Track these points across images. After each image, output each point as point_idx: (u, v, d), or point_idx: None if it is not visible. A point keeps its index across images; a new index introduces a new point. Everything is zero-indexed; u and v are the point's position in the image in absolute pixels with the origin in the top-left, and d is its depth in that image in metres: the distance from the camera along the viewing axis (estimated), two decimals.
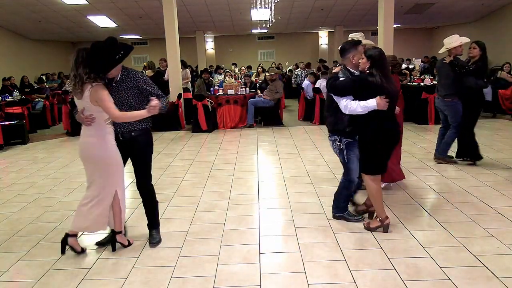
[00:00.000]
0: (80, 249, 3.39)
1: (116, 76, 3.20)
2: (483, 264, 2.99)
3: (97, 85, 3.05)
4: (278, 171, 5.72)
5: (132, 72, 3.26)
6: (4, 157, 7.41)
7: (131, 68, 3.33)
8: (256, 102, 9.47)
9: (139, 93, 3.24)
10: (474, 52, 5.41)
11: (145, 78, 3.28)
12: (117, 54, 3.05)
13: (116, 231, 3.41)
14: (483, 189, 4.61)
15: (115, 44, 3.11)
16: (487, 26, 15.81)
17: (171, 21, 9.77)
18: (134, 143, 3.30)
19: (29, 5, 12.35)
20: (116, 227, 3.41)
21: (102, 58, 3.03)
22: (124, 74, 3.23)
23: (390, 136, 3.48)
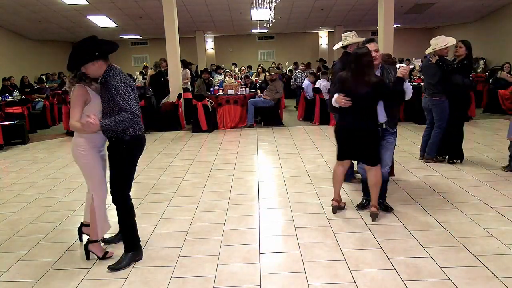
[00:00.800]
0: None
1: (99, 77, 3.05)
2: (483, 264, 2.99)
3: (77, 86, 3.07)
4: (278, 171, 5.72)
5: (111, 76, 2.96)
6: (4, 157, 7.41)
7: (117, 70, 3.03)
8: (256, 102, 9.47)
9: (114, 101, 2.93)
10: (460, 51, 5.55)
11: (119, 86, 2.91)
12: (94, 51, 2.96)
13: (90, 240, 3.30)
14: (483, 189, 4.61)
15: (92, 41, 3.02)
16: (487, 26, 15.81)
17: (171, 21, 9.77)
18: (110, 151, 3.15)
19: (29, 5, 12.35)
20: (90, 235, 3.32)
21: (75, 55, 3.00)
22: (105, 77, 2.98)
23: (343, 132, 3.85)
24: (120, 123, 2.88)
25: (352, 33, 4.92)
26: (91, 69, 2.98)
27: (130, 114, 2.90)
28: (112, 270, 3.10)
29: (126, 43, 19.83)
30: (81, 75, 3.05)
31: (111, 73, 2.97)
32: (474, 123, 8.80)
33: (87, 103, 3.08)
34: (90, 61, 2.94)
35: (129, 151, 3.09)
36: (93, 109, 3.08)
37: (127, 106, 2.90)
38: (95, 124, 2.81)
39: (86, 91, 3.06)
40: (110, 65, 3.03)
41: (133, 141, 3.08)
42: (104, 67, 2.99)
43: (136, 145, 3.13)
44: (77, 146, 3.15)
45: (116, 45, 3.13)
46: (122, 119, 2.88)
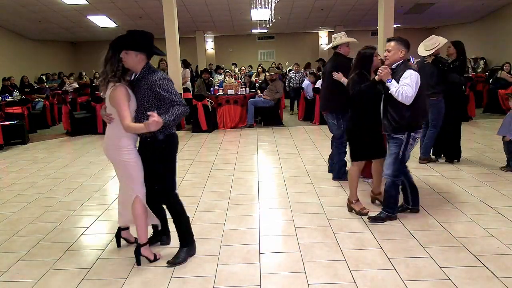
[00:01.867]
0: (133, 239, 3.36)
1: (136, 73, 3.00)
2: (483, 264, 2.99)
3: (118, 86, 2.91)
4: (278, 171, 5.72)
5: (152, 72, 2.94)
6: (4, 157, 7.41)
7: (154, 69, 3.01)
8: (256, 102, 9.47)
9: (154, 96, 2.91)
10: (449, 51, 5.70)
11: (163, 82, 2.89)
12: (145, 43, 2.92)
13: (141, 244, 3.16)
14: (483, 189, 4.61)
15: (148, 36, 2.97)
16: (487, 26, 15.80)
17: (171, 21, 9.77)
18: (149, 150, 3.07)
19: (29, 5, 12.35)
20: (140, 239, 3.17)
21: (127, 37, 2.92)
22: (143, 73, 2.96)
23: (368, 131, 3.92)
24: (177, 116, 2.88)
25: (341, 33, 4.99)
26: (131, 58, 2.90)
27: (183, 106, 2.90)
28: (171, 265, 3.11)
29: None
30: (120, 74, 2.92)
31: (149, 70, 2.95)
32: (474, 123, 8.80)
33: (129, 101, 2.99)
34: (137, 49, 2.89)
35: (168, 149, 3.06)
36: (132, 108, 2.98)
37: (177, 99, 2.90)
38: (160, 122, 2.77)
39: (127, 90, 2.96)
40: (148, 63, 3.00)
41: (169, 139, 3.04)
42: (143, 64, 2.96)
43: (173, 142, 3.10)
44: (122, 147, 3.00)
45: (163, 53, 3.17)
46: (179, 112, 2.88)
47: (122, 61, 2.91)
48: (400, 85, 3.48)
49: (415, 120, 3.62)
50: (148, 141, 3.01)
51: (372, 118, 3.85)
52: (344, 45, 4.93)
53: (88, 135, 9.24)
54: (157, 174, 3.09)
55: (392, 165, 3.69)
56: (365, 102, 3.83)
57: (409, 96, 3.45)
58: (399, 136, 3.63)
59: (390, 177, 3.72)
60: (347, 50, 4.96)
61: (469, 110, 9.13)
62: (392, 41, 3.68)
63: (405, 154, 3.67)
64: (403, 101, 3.47)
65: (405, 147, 3.64)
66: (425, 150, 5.78)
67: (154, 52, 2.98)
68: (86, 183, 5.52)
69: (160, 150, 3.02)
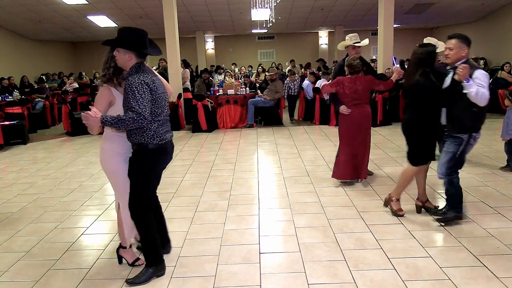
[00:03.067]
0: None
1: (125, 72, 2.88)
2: (483, 264, 2.98)
3: (103, 87, 2.90)
4: (278, 171, 5.72)
5: (133, 72, 2.78)
6: (4, 157, 7.41)
7: (143, 69, 2.83)
8: (256, 102, 9.47)
9: (126, 97, 2.74)
10: None
11: (134, 83, 2.69)
12: (133, 41, 2.78)
13: (121, 245, 3.21)
14: (483, 189, 4.60)
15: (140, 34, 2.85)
16: (487, 26, 15.81)
17: (171, 21, 9.77)
18: (130, 159, 2.94)
19: (29, 5, 12.35)
20: (121, 241, 3.20)
21: (119, 34, 2.82)
22: (129, 73, 2.80)
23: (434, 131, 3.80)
24: (122, 121, 2.64)
25: (352, 35, 5.10)
26: (121, 58, 2.79)
27: (135, 114, 2.64)
28: (129, 284, 2.91)
29: None
30: (111, 74, 2.86)
31: (135, 70, 2.78)
32: None
33: (112, 104, 2.90)
34: (125, 47, 2.76)
35: (145, 162, 2.85)
36: (119, 111, 2.85)
37: (136, 105, 2.65)
38: (94, 118, 2.62)
39: (110, 92, 2.88)
40: (139, 63, 2.81)
41: (151, 152, 2.82)
42: (132, 63, 2.79)
43: (157, 156, 2.88)
44: (103, 151, 3.01)
45: (160, 52, 3.02)
46: (125, 118, 2.64)
47: (115, 60, 2.84)
48: (476, 86, 3.32)
49: (480, 121, 3.53)
50: (135, 149, 2.87)
51: (436, 120, 3.67)
52: (350, 47, 5.04)
53: (88, 135, 9.24)
54: (130, 183, 2.92)
55: (447, 163, 3.58)
56: (433, 103, 3.61)
57: (486, 97, 3.31)
58: (461, 136, 3.51)
59: (445, 176, 3.61)
60: (352, 51, 5.04)
61: None
62: (453, 39, 3.52)
63: (464, 153, 3.56)
64: (480, 102, 3.33)
65: (465, 146, 3.52)
66: None
67: (142, 51, 2.81)
68: (86, 183, 5.52)
69: (135, 160, 2.87)
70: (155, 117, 2.79)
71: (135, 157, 2.87)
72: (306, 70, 14.71)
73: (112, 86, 2.92)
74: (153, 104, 2.77)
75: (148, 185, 2.94)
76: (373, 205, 4.25)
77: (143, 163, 2.86)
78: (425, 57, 3.62)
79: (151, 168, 2.91)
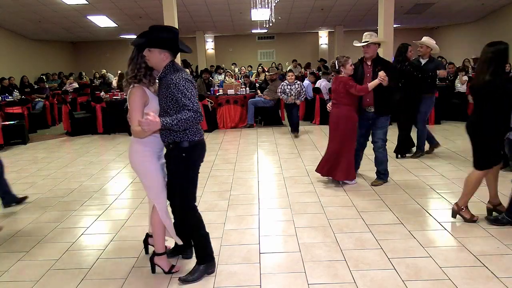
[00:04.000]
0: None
1: (157, 72, 2.82)
2: (483, 264, 2.99)
3: (135, 87, 2.77)
4: (278, 171, 5.72)
5: (173, 71, 2.72)
6: (4, 157, 7.36)
7: (178, 67, 2.79)
8: (256, 102, 9.47)
9: (171, 97, 2.69)
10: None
11: (180, 82, 2.64)
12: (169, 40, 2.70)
13: (156, 253, 3.05)
14: (483, 189, 4.59)
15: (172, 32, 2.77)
16: (487, 26, 15.81)
17: (171, 21, 9.77)
18: (168, 158, 2.87)
19: (29, 5, 12.35)
20: (156, 248, 3.05)
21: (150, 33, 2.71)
22: (165, 71, 2.74)
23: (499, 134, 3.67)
24: (182, 121, 2.59)
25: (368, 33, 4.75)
26: (155, 56, 2.70)
27: (193, 113, 2.60)
28: (183, 282, 2.89)
29: (126, 43, 19.79)
30: (142, 76, 2.78)
31: (172, 69, 2.72)
32: None
33: (146, 105, 2.80)
34: (160, 47, 2.68)
35: (189, 159, 2.80)
36: (153, 110, 2.77)
37: (190, 103, 2.61)
38: (155, 122, 2.51)
39: (144, 92, 2.78)
40: (173, 61, 2.78)
41: (193, 148, 2.79)
42: (167, 62, 2.73)
43: (196, 152, 2.84)
44: (135, 152, 2.86)
45: (190, 50, 2.92)
46: (185, 117, 2.59)
47: (146, 60, 2.75)
48: None
49: None
50: (170, 148, 2.81)
51: (505, 122, 3.56)
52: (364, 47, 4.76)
53: (88, 135, 9.24)
54: (173, 185, 2.87)
55: None
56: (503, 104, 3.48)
57: None
58: None
59: None
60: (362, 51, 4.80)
61: (468, 110, 9.12)
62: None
63: None
64: None
65: None
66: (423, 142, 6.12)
67: (180, 49, 2.77)
68: (86, 183, 5.52)
69: (179, 159, 2.78)
70: None
71: (176, 156, 2.78)
72: (306, 70, 14.71)
73: (144, 86, 2.81)
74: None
75: (194, 181, 2.89)
76: (373, 205, 4.25)
77: (186, 160, 2.79)
78: (495, 56, 3.43)
79: (195, 164, 2.87)
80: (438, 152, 6.31)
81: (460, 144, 6.82)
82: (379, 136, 4.81)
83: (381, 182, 4.90)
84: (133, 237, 3.70)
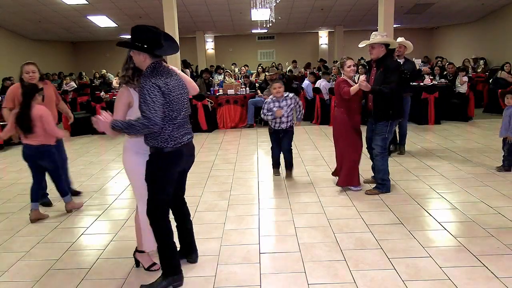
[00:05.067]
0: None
1: None
2: (483, 264, 2.98)
3: (122, 88, 2.80)
4: None
5: (147, 74, 2.61)
6: (4, 157, 7.41)
7: (158, 70, 2.65)
8: (256, 102, 9.47)
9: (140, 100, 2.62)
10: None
11: (145, 86, 2.55)
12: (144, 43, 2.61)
13: (137, 249, 3.13)
14: (483, 189, 4.60)
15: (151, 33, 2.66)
16: (487, 26, 15.81)
17: (171, 21, 9.77)
18: (146, 163, 2.79)
19: (29, 5, 12.35)
20: (137, 244, 3.12)
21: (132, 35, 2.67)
22: (144, 74, 2.64)
23: None
24: (132, 127, 2.52)
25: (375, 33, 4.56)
26: (136, 58, 2.67)
27: (146, 119, 2.51)
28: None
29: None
30: (130, 76, 2.76)
31: (149, 71, 2.62)
32: (474, 123, 8.80)
33: (130, 106, 2.79)
34: (136, 49, 2.62)
35: (159, 166, 2.71)
36: (137, 113, 2.69)
37: (146, 109, 2.51)
38: (104, 122, 2.52)
39: (129, 93, 2.77)
40: (155, 63, 2.65)
41: (166, 155, 2.69)
42: (147, 63, 2.64)
43: (172, 159, 2.72)
44: (124, 150, 2.92)
45: (176, 49, 2.87)
46: (135, 123, 2.52)
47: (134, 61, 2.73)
48: None
49: None
50: (151, 151, 2.76)
51: None
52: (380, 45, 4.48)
53: (88, 135, 9.24)
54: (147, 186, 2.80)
55: None
56: None
57: None
58: None
59: None
60: None
61: (468, 110, 9.14)
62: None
63: None
64: None
65: None
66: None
67: (154, 52, 2.63)
68: (86, 183, 5.52)
69: (150, 163, 2.73)
70: (169, 121, 2.64)
71: (150, 160, 2.74)
72: (306, 70, 14.72)
73: (132, 87, 2.79)
74: (167, 107, 2.61)
75: (163, 189, 2.76)
76: (373, 205, 4.25)
77: (156, 166, 2.72)
78: None
79: (165, 172, 2.73)
80: (438, 152, 6.31)
81: (460, 144, 6.83)
82: (376, 143, 4.53)
83: (376, 191, 4.58)
84: (133, 237, 3.68)
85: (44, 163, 4.23)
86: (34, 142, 4.11)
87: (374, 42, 4.43)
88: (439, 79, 9.99)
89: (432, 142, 7.05)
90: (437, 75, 10.67)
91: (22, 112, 4.02)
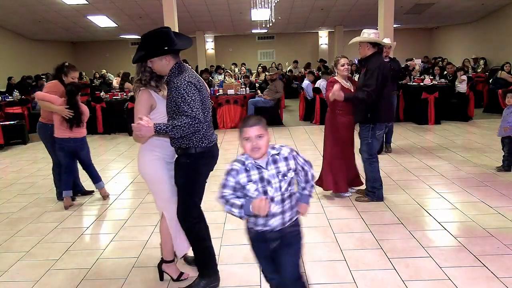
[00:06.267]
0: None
1: (165, 76, 2.65)
2: (483, 264, 2.98)
3: (142, 91, 2.69)
4: None
5: (176, 73, 2.57)
6: (4, 157, 7.41)
7: (184, 68, 2.65)
8: (256, 102, 9.48)
9: (174, 101, 2.50)
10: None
11: (181, 85, 2.47)
12: (164, 45, 2.55)
13: (164, 260, 2.95)
14: (483, 189, 4.60)
15: (164, 34, 2.62)
16: (487, 26, 15.81)
17: (171, 21, 9.77)
18: (176, 165, 2.71)
19: (29, 5, 12.35)
20: (164, 255, 2.94)
21: (143, 46, 2.62)
22: (170, 75, 2.59)
23: None
24: (177, 128, 2.40)
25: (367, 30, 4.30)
26: (158, 64, 2.59)
27: (190, 119, 2.41)
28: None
29: (126, 43, 19.82)
30: (147, 80, 2.69)
31: (177, 71, 2.57)
32: (474, 123, 8.80)
33: (152, 108, 2.70)
34: (158, 55, 2.55)
35: (193, 167, 2.63)
36: (160, 116, 2.69)
37: (188, 109, 2.42)
38: (147, 128, 2.35)
39: (150, 95, 2.69)
40: (179, 62, 2.62)
41: (199, 156, 2.60)
42: (171, 65, 2.59)
43: (202, 160, 2.64)
44: (142, 156, 2.75)
45: (190, 42, 2.78)
46: (180, 124, 2.40)
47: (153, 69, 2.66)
48: None
49: None
50: (178, 153, 2.66)
51: None
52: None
53: (88, 135, 9.19)
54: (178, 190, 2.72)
55: None
56: None
57: None
58: None
59: None
60: None
61: (468, 110, 9.14)
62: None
63: None
64: None
65: None
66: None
67: (176, 46, 2.60)
68: (86, 183, 5.52)
69: (182, 165, 2.64)
70: (205, 119, 2.57)
71: (182, 163, 2.63)
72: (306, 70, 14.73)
73: (152, 89, 2.72)
74: (202, 104, 2.55)
75: (197, 192, 2.72)
76: (373, 205, 4.24)
77: (190, 168, 2.62)
78: None
79: (198, 174, 2.67)
80: (438, 152, 6.31)
81: (460, 144, 6.83)
82: (361, 148, 4.31)
83: (366, 199, 4.35)
84: (133, 237, 3.70)
85: (83, 152, 4.72)
86: (80, 134, 4.63)
87: (356, 41, 4.25)
88: (439, 79, 9.98)
89: (432, 142, 7.05)
90: (437, 75, 10.67)
91: (73, 108, 4.46)
